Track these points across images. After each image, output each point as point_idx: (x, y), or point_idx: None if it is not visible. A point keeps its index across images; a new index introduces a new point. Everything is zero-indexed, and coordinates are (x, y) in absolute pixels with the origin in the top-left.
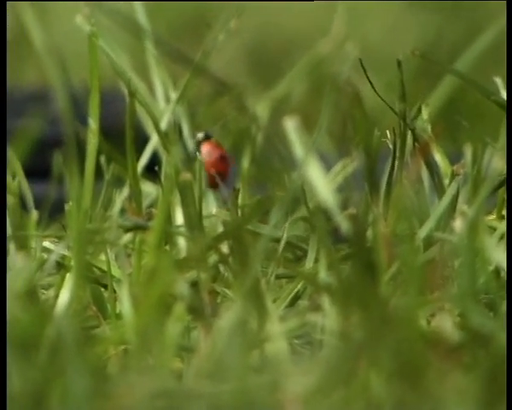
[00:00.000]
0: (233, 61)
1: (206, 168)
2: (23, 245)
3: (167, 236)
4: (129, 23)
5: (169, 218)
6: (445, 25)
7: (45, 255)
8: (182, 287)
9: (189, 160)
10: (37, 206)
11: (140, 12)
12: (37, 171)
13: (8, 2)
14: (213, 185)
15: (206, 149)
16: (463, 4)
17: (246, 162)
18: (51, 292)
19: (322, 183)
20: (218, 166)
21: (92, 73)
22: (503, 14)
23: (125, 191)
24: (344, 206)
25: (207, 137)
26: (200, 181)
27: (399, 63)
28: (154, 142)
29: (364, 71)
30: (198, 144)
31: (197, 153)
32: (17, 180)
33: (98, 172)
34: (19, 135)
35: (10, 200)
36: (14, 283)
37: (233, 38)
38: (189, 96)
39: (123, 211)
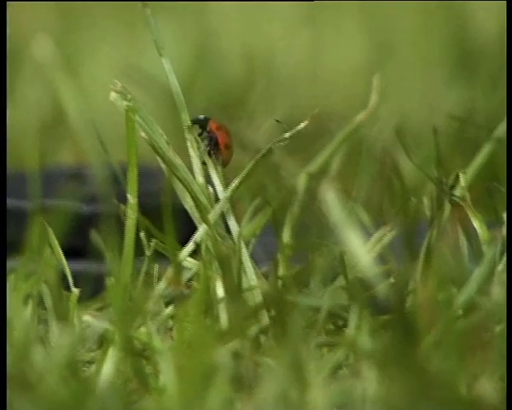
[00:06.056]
0: (268, 137)
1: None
2: (65, 321)
3: (208, 307)
4: (163, 96)
5: (209, 289)
6: (480, 99)
7: (86, 330)
8: (223, 358)
9: (229, 232)
10: (77, 284)
11: (175, 84)
12: (76, 249)
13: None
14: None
15: (220, 132)
16: (500, 80)
17: (286, 233)
18: (93, 367)
19: (361, 252)
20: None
21: (130, 148)
22: None
23: (166, 266)
24: (383, 274)
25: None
26: (239, 253)
27: (435, 131)
28: (193, 216)
29: (402, 140)
30: (204, 124)
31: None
32: (56, 259)
33: (139, 250)
34: (57, 214)
35: (51, 279)
36: (55, 358)
37: (267, 114)
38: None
39: (164, 285)
